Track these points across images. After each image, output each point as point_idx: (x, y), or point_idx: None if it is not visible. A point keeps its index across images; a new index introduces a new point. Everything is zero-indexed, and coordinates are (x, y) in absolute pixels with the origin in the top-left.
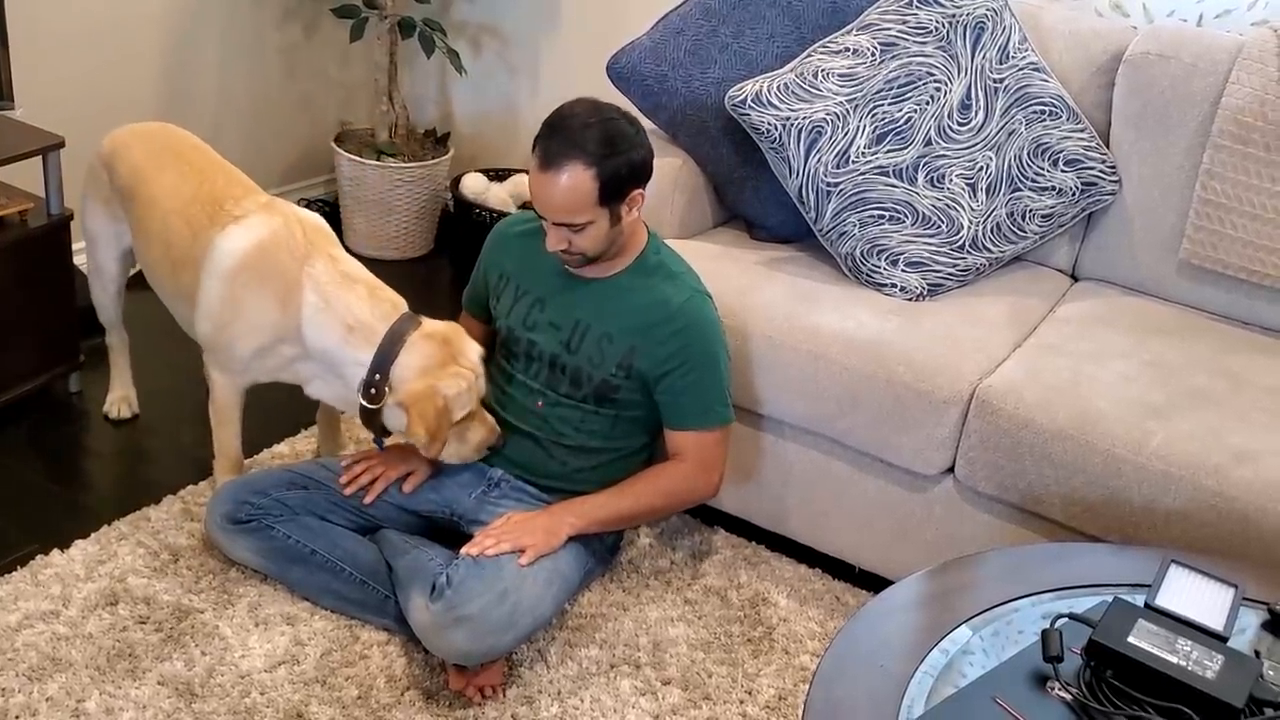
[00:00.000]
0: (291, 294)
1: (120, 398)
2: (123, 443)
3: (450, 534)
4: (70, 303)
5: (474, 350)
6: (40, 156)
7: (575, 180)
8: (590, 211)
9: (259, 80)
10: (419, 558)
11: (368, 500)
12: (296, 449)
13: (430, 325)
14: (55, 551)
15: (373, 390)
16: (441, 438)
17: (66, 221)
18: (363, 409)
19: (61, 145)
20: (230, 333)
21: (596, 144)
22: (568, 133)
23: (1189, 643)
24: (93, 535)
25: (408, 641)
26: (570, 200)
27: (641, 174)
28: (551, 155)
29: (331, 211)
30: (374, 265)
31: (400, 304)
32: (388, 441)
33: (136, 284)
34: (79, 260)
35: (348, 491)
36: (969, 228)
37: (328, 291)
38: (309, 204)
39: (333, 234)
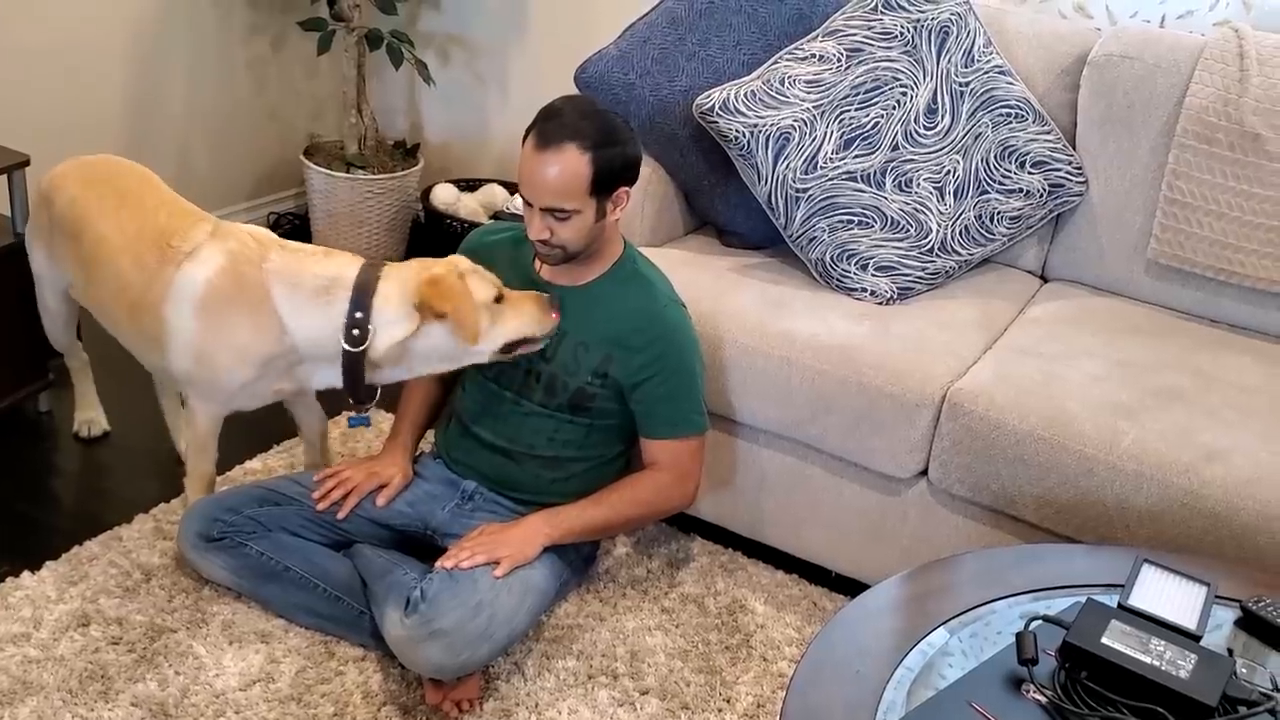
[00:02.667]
0: (263, 301)
1: (88, 418)
2: (93, 461)
3: (425, 548)
4: (38, 321)
5: (449, 258)
6: (5, 175)
7: (571, 163)
8: (579, 199)
9: (227, 95)
10: (393, 572)
11: (341, 515)
12: (269, 465)
13: (394, 264)
14: (25, 573)
15: (355, 331)
16: (468, 314)
17: None
18: (346, 357)
19: (26, 163)
20: (215, 364)
21: (595, 132)
22: (566, 118)
23: (1162, 642)
24: (63, 556)
25: (383, 657)
26: (563, 183)
27: (631, 171)
28: (549, 136)
29: (302, 224)
30: None
31: (358, 257)
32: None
33: None
34: None
35: (320, 507)
36: (937, 231)
37: (288, 275)
38: (279, 217)
39: (277, 237)
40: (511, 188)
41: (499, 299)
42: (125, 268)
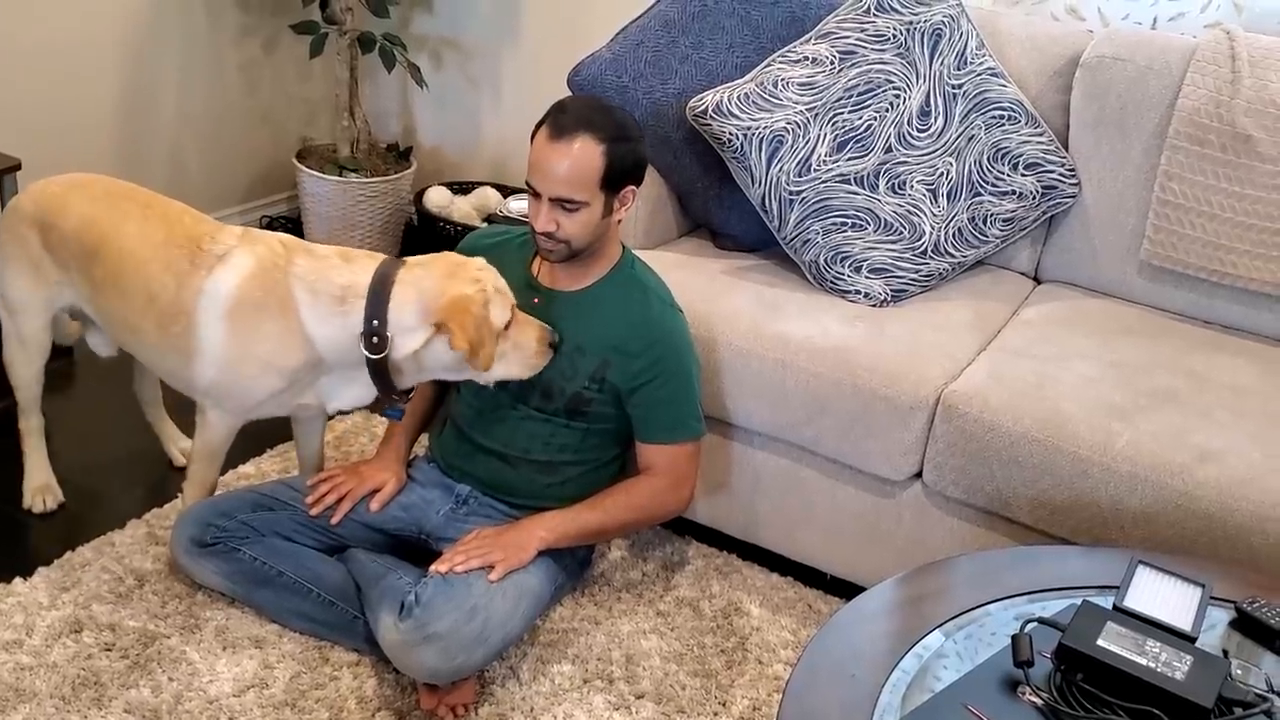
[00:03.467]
0: (289, 309)
1: (41, 487)
2: (85, 466)
3: (419, 552)
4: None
5: (474, 261)
6: None
7: (586, 153)
8: (590, 190)
9: (219, 98)
10: (387, 577)
11: (334, 520)
12: (263, 469)
13: (415, 259)
14: (17, 580)
15: (374, 339)
16: (485, 348)
17: None
18: (370, 364)
19: (18, 167)
20: (242, 373)
21: (609, 125)
22: (581, 111)
23: (1157, 644)
24: (55, 562)
25: (378, 662)
26: (576, 172)
27: (640, 171)
28: (564, 127)
29: (294, 228)
30: None
31: (377, 255)
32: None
33: None
34: None
35: (314, 512)
36: (931, 233)
37: (310, 282)
38: (271, 220)
39: (304, 242)
40: (505, 190)
41: (508, 325)
42: (155, 274)
